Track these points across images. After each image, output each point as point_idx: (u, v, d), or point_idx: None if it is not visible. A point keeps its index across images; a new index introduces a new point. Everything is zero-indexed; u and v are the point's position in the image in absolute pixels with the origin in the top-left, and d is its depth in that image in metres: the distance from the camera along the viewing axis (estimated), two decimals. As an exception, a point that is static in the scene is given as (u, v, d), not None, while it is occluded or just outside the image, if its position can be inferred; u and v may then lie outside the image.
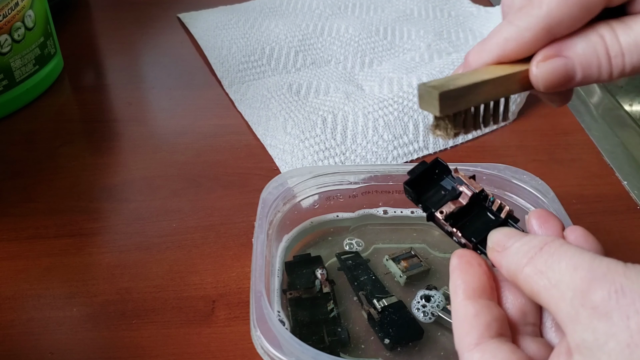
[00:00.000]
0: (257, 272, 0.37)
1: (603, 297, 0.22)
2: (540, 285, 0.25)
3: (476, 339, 0.27)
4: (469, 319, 0.27)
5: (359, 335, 0.40)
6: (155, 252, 0.47)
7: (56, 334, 0.42)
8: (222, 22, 0.74)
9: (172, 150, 0.58)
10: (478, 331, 0.27)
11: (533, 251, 0.26)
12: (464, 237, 0.31)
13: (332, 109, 0.58)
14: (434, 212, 0.32)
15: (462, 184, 0.32)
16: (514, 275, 0.27)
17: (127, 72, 0.69)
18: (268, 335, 0.34)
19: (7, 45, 0.59)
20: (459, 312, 0.28)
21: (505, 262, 0.27)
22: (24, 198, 0.52)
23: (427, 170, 0.33)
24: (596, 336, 0.22)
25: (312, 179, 0.45)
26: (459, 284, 0.29)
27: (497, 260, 0.28)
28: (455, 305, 0.28)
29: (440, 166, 0.34)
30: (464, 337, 0.27)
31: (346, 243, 0.47)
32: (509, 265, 0.27)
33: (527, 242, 0.27)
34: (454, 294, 0.29)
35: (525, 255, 0.26)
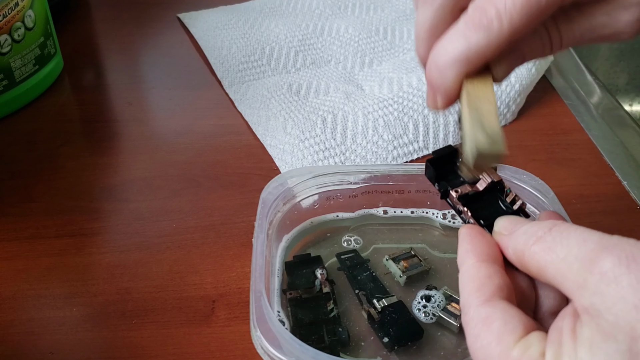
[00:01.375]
0: (257, 272, 0.37)
1: (613, 263, 0.22)
2: (547, 260, 0.25)
3: (488, 295, 0.26)
4: (482, 279, 0.27)
5: (359, 335, 0.40)
6: (155, 252, 0.47)
7: (56, 334, 0.42)
8: (222, 22, 0.74)
9: (172, 150, 0.58)
10: (490, 290, 0.26)
11: (542, 231, 0.26)
12: (473, 218, 0.31)
13: (332, 109, 0.58)
14: (449, 189, 0.32)
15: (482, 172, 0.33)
16: (520, 254, 0.27)
17: (127, 72, 0.69)
18: (268, 335, 0.34)
19: (7, 45, 0.59)
20: (470, 272, 0.27)
21: (512, 242, 0.27)
22: (24, 198, 0.52)
23: (451, 154, 0.33)
24: (604, 299, 0.22)
25: (312, 179, 0.45)
26: (470, 248, 0.28)
27: (503, 243, 0.28)
28: (467, 268, 0.28)
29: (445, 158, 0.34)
30: (473, 293, 0.27)
31: (345, 239, 0.47)
32: (516, 246, 0.27)
33: (535, 224, 0.27)
34: (464, 258, 0.28)
35: (534, 235, 0.26)
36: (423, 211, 0.48)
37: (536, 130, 0.61)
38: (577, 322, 0.23)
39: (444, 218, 0.48)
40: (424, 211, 0.48)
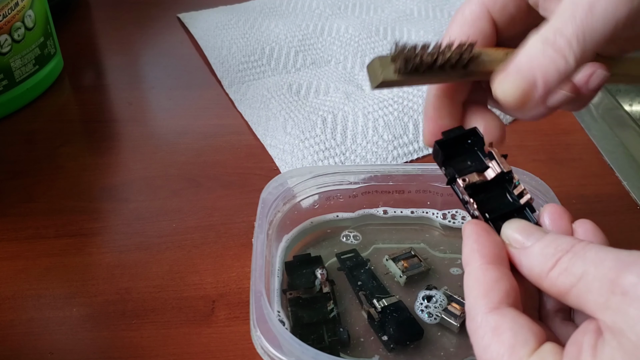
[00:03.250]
0: (257, 272, 0.37)
1: (632, 283, 0.22)
2: (567, 283, 0.24)
3: (495, 302, 0.25)
4: (490, 283, 0.26)
5: (359, 335, 0.40)
6: (155, 252, 0.47)
7: (56, 334, 0.41)
8: (222, 22, 0.74)
9: (172, 150, 0.58)
10: (498, 296, 0.26)
11: (559, 254, 0.25)
12: (479, 210, 0.30)
13: (332, 109, 0.58)
14: (457, 177, 0.31)
15: (492, 159, 0.31)
16: (537, 278, 0.26)
17: (127, 72, 0.69)
18: (268, 335, 0.34)
19: (7, 45, 0.59)
20: (477, 275, 0.27)
21: (526, 262, 0.27)
22: (24, 198, 0.52)
23: (461, 136, 0.32)
24: (626, 318, 0.22)
25: (312, 179, 0.45)
26: (477, 248, 0.27)
27: (515, 258, 0.27)
28: (473, 270, 0.27)
29: (476, 136, 0.32)
30: (480, 299, 0.26)
31: (344, 235, 0.47)
32: (531, 267, 0.26)
33: (551, 244, 0.26)
34: (470, 258, 0.27)
35: (551, 258, 0.25)
36: (423, 211, 0.48)
37: (536, 130, 0.61)
38: (599, 340, 0.23)
39: (444, 218, 0.48)
40: (424, 211, 0.48)
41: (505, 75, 0.28)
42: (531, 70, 0.27)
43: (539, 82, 0.27)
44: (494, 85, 0.28)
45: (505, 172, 0.31)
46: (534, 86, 0.27)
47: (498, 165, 0.31)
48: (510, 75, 0.28)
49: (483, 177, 0.31)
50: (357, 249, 0.46)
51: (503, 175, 0.31)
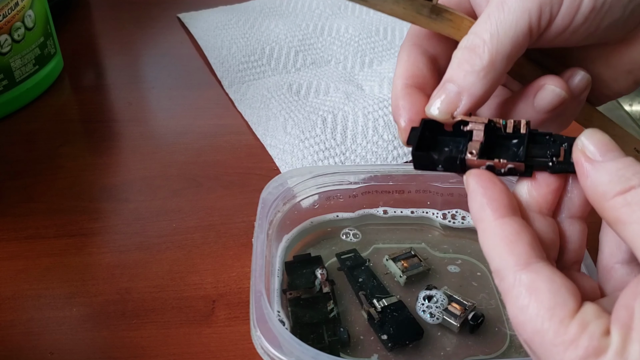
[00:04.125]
0: (257, 272, 0.37)
1: None
2: (632, 216, 0.22)
3: (525, 258, 0.24)
4: (511, 237, 0.24)
5: (359, 335, 0.40)
6: (155, 252, 0.47)
7: (56, 334, 0.42)
8: (222, 22, 0.74)
9: (172, 150, 0.58)
10: (524, 250, 0.24)
11: (636, 181, 0.23)
12: (511, 162, 0.27)
13: (332, 109, 0.58)
14: (463, 157, 0.27)
15: (465, 125, 0.28)
16: (598, 198, 0.24)
17: (127, 72, 0.69)
18: (268, 335, 0.34)
19: (7, 45, 0.59)
20: (495, 232, 0.24)
21: (594, 176, 0.24)
22: (24, 198, 0.52)
23: (423, 132, 0.29)
24: None
25: (312, 179, 0.45)
26: (486, 202, 0.25)
27: (584, 169, 0.24)
28: (488, 227, 0.25)
29: (431, 124, 0.29)
30: (507, 256, 0.24)
31: (343, 233, 0.47)
32: (597, 184, 0.24)
33: (629, 167, 0.23)
34: (481, 213, 0.25)
35: (624, 183, 0.23)
36: (423, 211, 0.48)
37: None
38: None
39: (444, 218, 0.48)
40: (424, 211, 0.48)
41: (435, 92, 0.28)
42: (452, 81, 0.27)
43: (459, 86, 0.27)
44: (426, 107, 0.29)
45: (487, 123, 0.28)
46: (458, 97, 0.27)
47: (475, 125, 0.28)
48: (438, 91, 0.28)
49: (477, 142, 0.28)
50: (357, 248, 0.46)
51: (489, 127, 0.28)
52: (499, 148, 0.28)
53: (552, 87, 0.29)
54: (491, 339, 0.40)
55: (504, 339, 0.40)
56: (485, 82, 0.27)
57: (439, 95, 0.28)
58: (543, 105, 0.29)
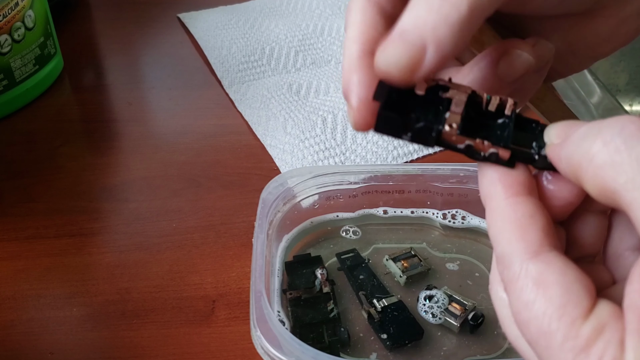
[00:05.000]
0: (257, 272, 0.37)
1: None
2: (620, 175, 0.18)
3: (536, 246, 0.21)
4: (523, 220, 0.21)
5: (359, 335, 0.40)
6: (155, 252, 0.47)
7: (56, 334, 0.42)
8: (222, 22, 0.74)
9: (172, 150, 0.58)
10: (537, 236, 0.21)
11: (609, 134, 0.19)
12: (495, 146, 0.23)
13: (332, 109, 0.58)
14: (441, 129, 0.23)
15: (445, 91, 0.23)
16: (577, 166, 0.20)
17: (127, 72, 0.69)
18: (268, 335, 0.34)
19: (7, 45, 0.59)
20: (506, 212, 0.21)
21: (566, 151, 0.21)
22: (24, 198, 0.52)
23: (392, 90, 0.23)
24: None
25: (312, 179, 0.45)
26: (499, 177, 0.22)
27: (555, 153, 0.22)
28: (499, 206, 0.22)
29: None
30: (515, 241, 0.21)
31: (343, 230, 0.47)
32: (571, 155, 0.20)
33: (599, 123, 0.20)
34: (492, 191, 0.22)
35: (598, 139, 0.19)
36: (423, 211, 0.48)
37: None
38: None
39: (444, 218, 0.48)
40: (424, 211, 0.48)
41: (386, 43, 0.22)
42: (417, 31, 0.22)
43: (430, 43, 0.21)
44: (375, 57, 0.22)
45: (469, 93, 0.23)
46: (422, 50, 0.22)
47: (456, 91, 0.23)
48: (393, 42, 0.22)
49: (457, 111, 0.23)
50: (357, 248, 0.46)
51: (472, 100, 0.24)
52: (479, 126, 0.23)
53: (520, 52, 0.25)
54: (491, 339, 0.40)
55: (504, 339, 0.40)
56: (458, 37, 0.22)
57: (396, 45, 0.22)
58: (508, 73, 0.25)
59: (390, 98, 0.23)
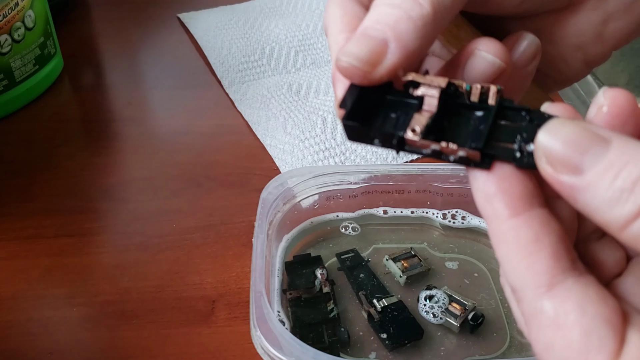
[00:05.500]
0: (257, 272, 0.37)
1: None
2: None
3: (548, 276, 0.18)
4: (529, 247, 0.18)
5: (359, 335, 0.40)
6: (155, 252, 0.47)
7: (56, 334, 0.41)
8: (222, 22, 0.74)
9: (172, 150, 0.58)
10: (546, 264, 0.18)
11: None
12: (462, 148, 0.20)
13: (332, 109, 0.58)
14: (402, 135, 0.21)
15: (416, 87, 0.22)
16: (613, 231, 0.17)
17: (127, 72, 0.69)
18: (268, 335, 0.34)
19: (7, 45, 0.59)
20: (507, 240, 0.19)
21: (587, 197, 0.17)
22: (23, 198, 0.52)
23: (362, 94, 0.22)
24: None
25: (312, 179, 0.45)
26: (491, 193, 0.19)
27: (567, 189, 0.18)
28: (498, 229, 0.19)
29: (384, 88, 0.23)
30: (524, 273, 0.18)
31: (342, 226, 0.47)
32: (596, 205, 0.17)
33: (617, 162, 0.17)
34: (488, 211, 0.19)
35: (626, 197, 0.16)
36: (423, 211, 0.48)
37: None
38: None
39: (444, 218, 0.48)
40: (424, 211, 0.48)
41: (348, 40, 0.22)
42: (379, 25, 0.21)
43: (392, 38, 0.21)
44: (336, 55, 0.22)
45: (444, 88, 0.21)
46: (384, 45, 0.21)
47: (429, 88, 0.22)
48: (355, 37, 0.21)
49: (428, 112, 0.21)
50: (357, 248, 0.46)
51: (447, 93, 0.22)
52: (457, 121, 0.22)
53: (484, 54, 0.23)
54: (491, 339, 0.40)
55: (504, 339, 0.40)
56: (422, 34, 0.21)
57: (357, 40, 0.21)
58: (475, 77, 0.23)
59: (359, 103, 0.22)
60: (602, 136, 0.17)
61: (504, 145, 0.20)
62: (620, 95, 0.19)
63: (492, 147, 0.20)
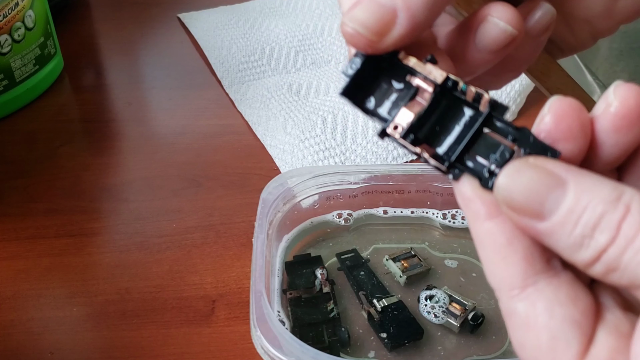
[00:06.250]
0: (257, 272, 0.37)
1: None
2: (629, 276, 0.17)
3: (520, 279, 0.18)
4: (502, 250, 0.19)
5: (359, 335, 0.40)
6: (155, 252, 0.47)
7: (56, 333, 0.42)
8: (222, 22, 0.74)
9: (172, 150, 0.58)
10: (518, 267, 0.18)
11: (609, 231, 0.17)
12: (435, 158, 0.21)
13: (332, 109, 0.58)
14: (385, 128, 0.21)
15: (415, 75, 0.21)
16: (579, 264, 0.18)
17: (127, 72, 0.69)
18: (268, 335, 0.34)
19: (7, 45, 0.59)
20: (483, 242, 0.19)
21: (552, 241, 0.18)
22: (24, 198, 0.52)
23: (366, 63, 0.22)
24: None
25: (312, 179, 0.45)
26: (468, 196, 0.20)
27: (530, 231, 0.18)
28: (476, 231, 0.19)
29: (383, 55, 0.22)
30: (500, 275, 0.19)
31: (337, 213, 0.47)
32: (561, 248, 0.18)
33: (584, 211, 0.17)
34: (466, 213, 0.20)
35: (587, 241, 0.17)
36: (423, 211, 0.48)
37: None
38: None
39: (444, 218, 0.48)
40: (424, 211, 0.48)
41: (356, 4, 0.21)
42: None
43: (401, 8, 0.20)
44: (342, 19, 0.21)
45: (440, 84, 0.21)
46: (393, 14, 0.20)
47: (426, 80, 0.21)
48: (364, 2, 0.21)
49: (418, 105, 0.21)
50: (357, 248, 0.46)
51: (443, 87, 0.21)
52: (450, 115, 0.21)
53: (496, 21, 0.22)
54: (491, 339, 0.40)
55: (504, 339, 0.40)
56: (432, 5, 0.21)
57: (365, 5, 0.21)
58: (485, 44, 0.23)
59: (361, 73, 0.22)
60: (560, 179, 0.18)
61: (477, 160, 0.20)
62: (631, 94, 0.19)
63: (465, 159, 0.20)
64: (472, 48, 0.23)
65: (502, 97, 0.60)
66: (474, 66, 0.24)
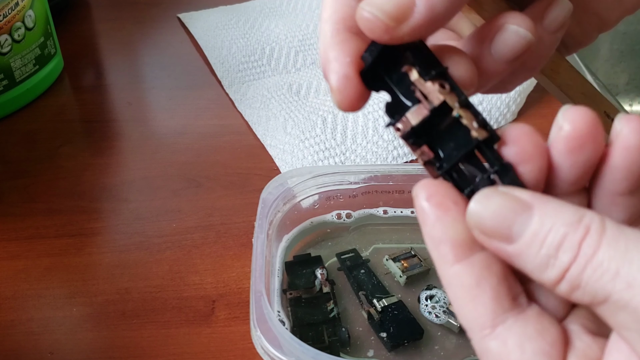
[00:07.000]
0: (257, 272, 0.37)
1: None
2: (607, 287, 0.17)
3: (489, 319, 0.19)
4: (470, 291, 0.19)
5: (359, 335, 0.40)
6: (155, 252, 0.47)
7: (56, 333, 0.42)
8: (222, 22, 0.74)
9: (172, 150, 0.58)
10: (488, 308, 0.19)
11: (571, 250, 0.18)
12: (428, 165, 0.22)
13: (332, 109, 0.58)
14: (394, 122, 0.22)
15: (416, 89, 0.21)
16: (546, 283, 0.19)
17: (127, 72, 0.69)
18: (268, 335, 0.34)
19: (7, 45, 0.59)
20: (452, 283, 0.20)
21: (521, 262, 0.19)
22: (24, 198, 0.52)
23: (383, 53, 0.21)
24: None
25: (312, 179, 0.45)
26: (443, 239, 0.20)
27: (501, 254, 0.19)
28: (444, 273, 0.20)
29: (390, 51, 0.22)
30: (469, 315, 0.20)
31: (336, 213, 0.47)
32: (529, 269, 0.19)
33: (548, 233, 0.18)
34: (434, 252, 0.20)
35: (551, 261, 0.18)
36: (423, 211, 0.48)
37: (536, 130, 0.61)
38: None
39: (444, 218, 0.48)
40: (424, 211, 0.48)
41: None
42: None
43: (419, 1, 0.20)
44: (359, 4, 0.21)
45: (435, 106, 0.21)
46: (411, 1, 0.20)
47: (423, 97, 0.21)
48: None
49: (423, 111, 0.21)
50: (357, 248, 0.46)
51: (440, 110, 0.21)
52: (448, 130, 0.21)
53: (516, 28, 0.22)
54: (491, 339, 0.40)
55: (504, 339, 0.40)
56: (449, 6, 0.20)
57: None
58: (503, 53, 0.23)
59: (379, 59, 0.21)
60: (526, 204, 0.19)
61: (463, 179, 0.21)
62: (579, 116, 0.19)
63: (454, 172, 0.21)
64: (487, 58, 0.23)
65: (502, 97, 0.60)
66: (489, 76, 0.24)
